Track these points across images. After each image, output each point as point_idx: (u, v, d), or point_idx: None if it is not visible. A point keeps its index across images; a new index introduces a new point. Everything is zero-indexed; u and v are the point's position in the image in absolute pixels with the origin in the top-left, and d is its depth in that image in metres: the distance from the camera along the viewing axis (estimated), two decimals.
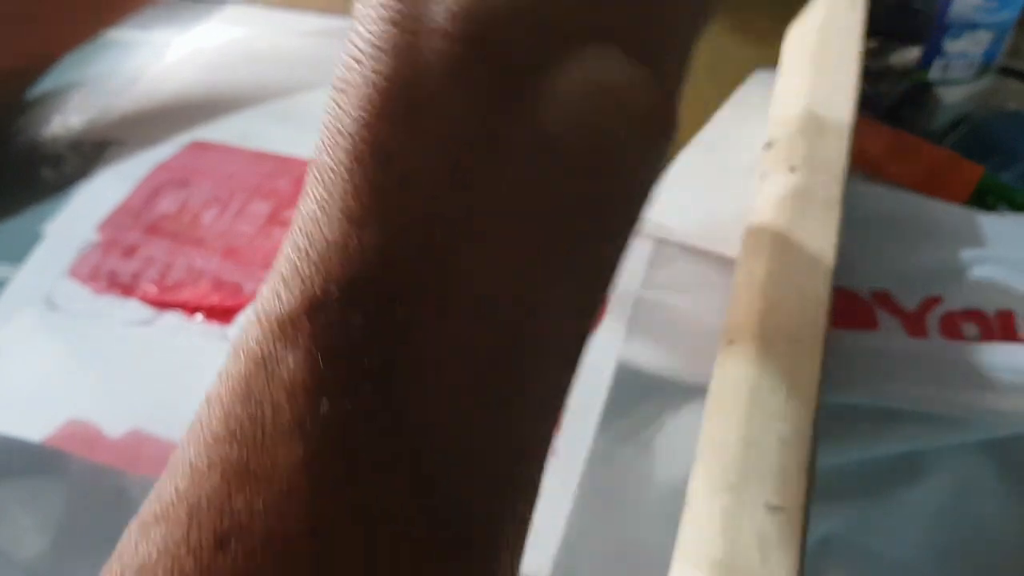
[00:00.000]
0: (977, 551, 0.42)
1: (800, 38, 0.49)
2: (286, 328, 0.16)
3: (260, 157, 0.53)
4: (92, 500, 0.42)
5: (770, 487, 0.28)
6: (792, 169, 0.41)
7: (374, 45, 0.16)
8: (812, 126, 0.42)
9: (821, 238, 0.37)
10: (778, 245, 0.37)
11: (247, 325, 0.17)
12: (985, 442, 0.43)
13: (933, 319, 0.44)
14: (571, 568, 0.37)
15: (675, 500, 0.31)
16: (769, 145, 0.44)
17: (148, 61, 0.60)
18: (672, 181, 0.48)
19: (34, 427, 0.42)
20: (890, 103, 0.63)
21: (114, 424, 0.41)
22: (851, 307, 0.44)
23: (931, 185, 0.56)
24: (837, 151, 0.40)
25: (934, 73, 0.61)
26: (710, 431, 0.32)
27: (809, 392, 0.31)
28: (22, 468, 0.43)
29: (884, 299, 0.45)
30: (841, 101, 0.43)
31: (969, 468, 0.43)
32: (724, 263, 0.42)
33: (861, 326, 0.44)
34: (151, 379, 0.43)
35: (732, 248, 0.42)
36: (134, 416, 0.42)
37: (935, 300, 0.45)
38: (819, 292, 0.35)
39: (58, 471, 0.43)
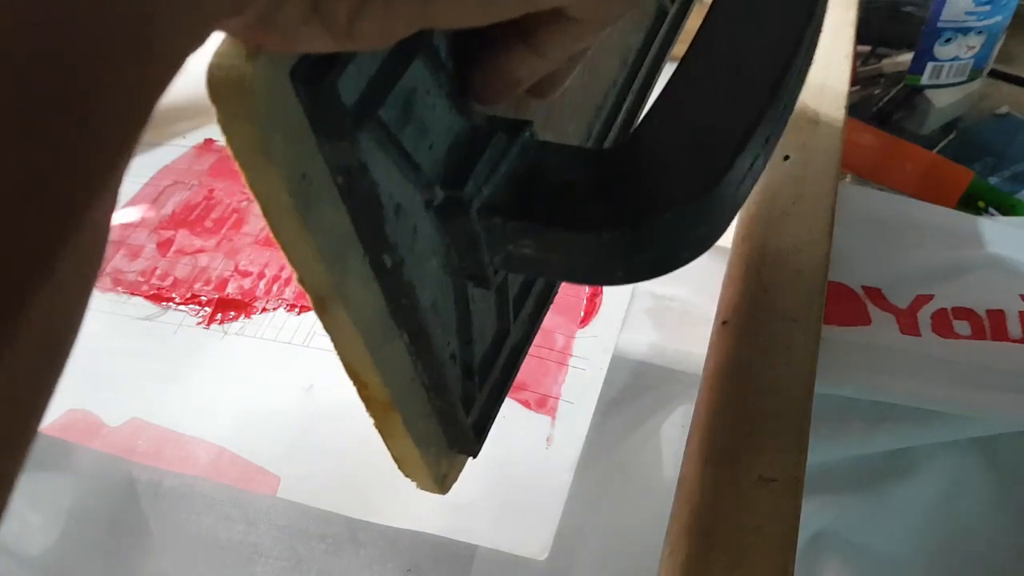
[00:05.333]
0: (967, 546, 0.42)
1: None
2: None
3: None
4: (100, 492, 0.42)
5: (764, 460, 0.29)
6: (786, 158, 0.41)
7: None
8: (805, 118, 0.43)
9: (815, 224, 0.37)
10: (773, 230, 0.38)
11: None
12: (975, 439, 0.43)
13: (925, 317, 0.44)
14: (570, 552, 0.38)
15: (671, 486, 0.31)
16: None
17: None
18: None
19: None
20: (882, 107, 0.63)
21: (114, 414, 0.42)
22: (844, 302, 0.45)
23: (922, 188, 0.57)
24: (830, 141, 0.41)
25: (926, 77, 0.61)
26: (704, 406, 0.33)
27: (804, 367, 0.31)
28: (31, 462, 0.43)
29: (876, 295, 0.45)
30: (834, 94, 0.44)
31: (959, 465, 0.43)
32: (719, 253, 0.43)
33: (854, 322, 0.44)
34: (151, 371, 0.44)
35: (726, 238, 0.42)
36: (134, 406, 0.42)
37: (927, 298, 0.45)
38: (815, 274, 0.35)
39: (66, 464, 0.43)
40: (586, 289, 0.43)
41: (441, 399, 0.28)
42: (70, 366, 0.45)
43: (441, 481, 0.31)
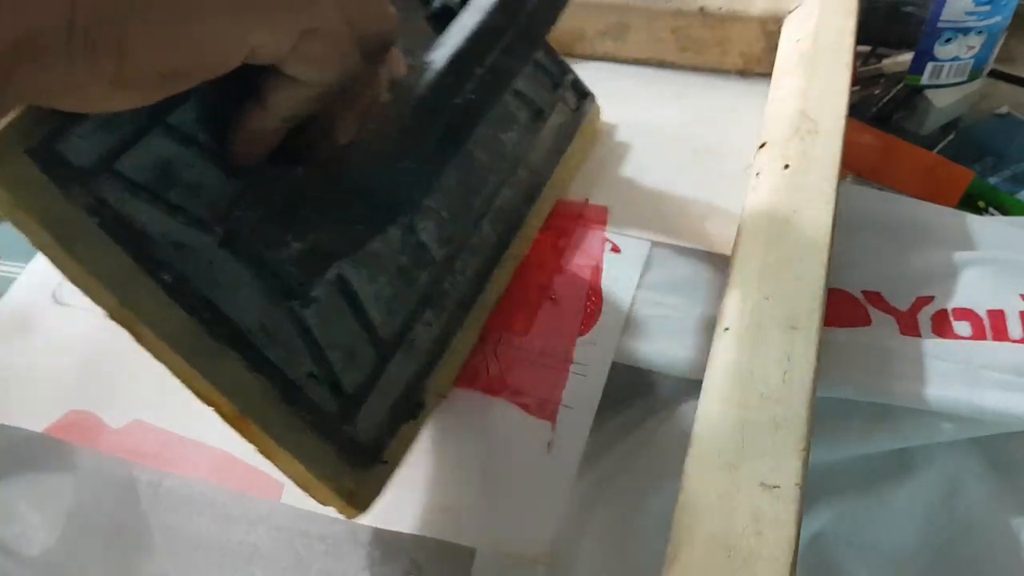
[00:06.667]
0: (967, 547, 0.42)
1: (794, 40, 0.50)
2: None
3: None
4: (101, 492, 0.42)
5: (766, 467, 0.29)
6: (786, 166, 0.41)
7: None
8: (805, 125, 0.43)
9: (815, 232, 0.38)
10: (773, 239, 0.38)
11: None
12: (975, 439, 0.43)
13: (925, 317, 0.44)
14: (571, 556, 0.38)
15: (671, 493, 0.31)
16: (763, 144, 0.45)
17: None
18: (667, 186, 0.49)
19: (37, 417, 0.42)
20: (882, 107, 0.63)
21: (116, 415, 0.42)
22: (844, 306, 0.45)
23: (922, 188, 0.57)
24: (830, 149, 0.41)
25: (926, 77, 0.61)
26: (706, 413, 0.33)
27: (805, 376, 0.31)
28: (31, 462, 0.43)
29: (877, 299, 0.45)
30: (834, 101, 0.44)
31: (959, 465, 0.43)
32: (718, 262, 0.43)
33: (854, 323, 0.44)
34: (153, 373, 0.44)
35: (726, 248, 0.42)
36: (136, 408, 0.42)
37: (927, 300, 0.45)
38: (815, 282, 0.35)
39: (67, 464, 0.43)
40: (586, 297, 0.43)
41: (311, 414, 0.31)
42: (72, 367, 0.45)
43: (349, 497, 0.32)
